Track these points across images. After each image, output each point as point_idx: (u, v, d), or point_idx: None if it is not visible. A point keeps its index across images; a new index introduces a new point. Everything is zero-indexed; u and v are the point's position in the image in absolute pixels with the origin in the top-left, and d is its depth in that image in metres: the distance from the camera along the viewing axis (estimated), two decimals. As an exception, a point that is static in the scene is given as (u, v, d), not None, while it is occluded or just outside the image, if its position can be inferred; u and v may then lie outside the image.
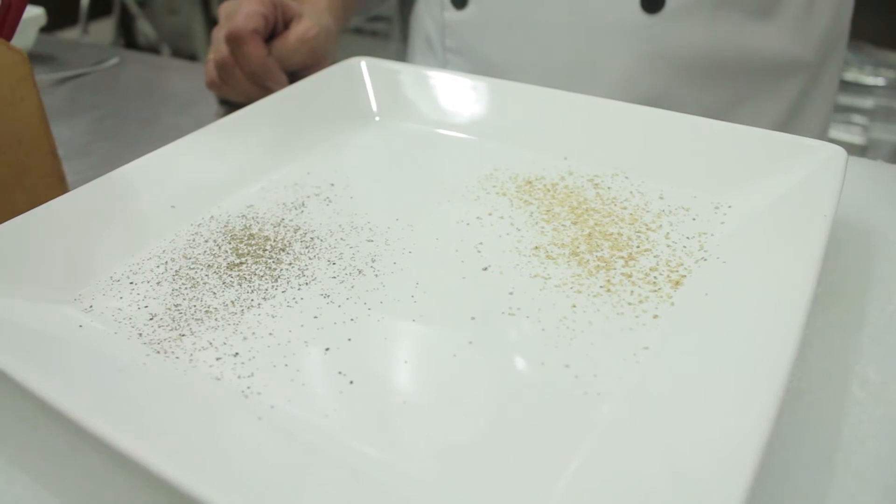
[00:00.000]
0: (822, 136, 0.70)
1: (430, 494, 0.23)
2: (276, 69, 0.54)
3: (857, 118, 1.31)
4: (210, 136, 0.42)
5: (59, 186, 0.45)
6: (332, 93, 0.48)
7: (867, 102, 1.32)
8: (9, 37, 0.42)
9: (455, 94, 0.47)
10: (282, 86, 0.54)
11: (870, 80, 1.34)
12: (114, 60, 0.69)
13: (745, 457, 0.21)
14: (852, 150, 0.50)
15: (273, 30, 0.56)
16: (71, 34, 1.71)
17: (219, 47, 0.55)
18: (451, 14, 0.65)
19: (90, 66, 0.68)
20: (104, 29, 1.74)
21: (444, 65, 0.69)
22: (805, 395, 0.28)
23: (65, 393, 0.24)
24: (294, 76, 0.56)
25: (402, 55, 0.98)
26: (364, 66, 0.49)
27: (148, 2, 1.72)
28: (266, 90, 0.55)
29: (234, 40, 0.53)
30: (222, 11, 0.58)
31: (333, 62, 0.51)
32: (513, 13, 0.62)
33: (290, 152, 0.44)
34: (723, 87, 0.62)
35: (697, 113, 0.41)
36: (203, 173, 0.40)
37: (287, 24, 0.57)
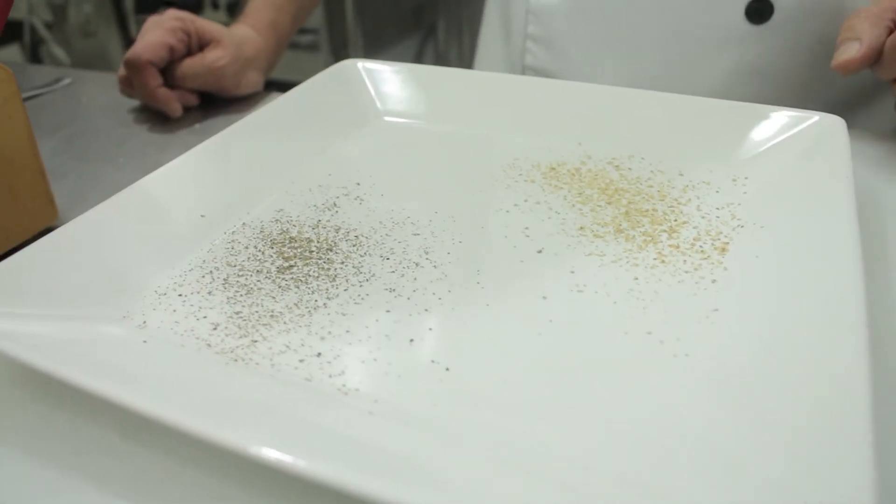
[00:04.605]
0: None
1: (557, 462, 0.23)
2: (168, 98, 0.56)
3: None
4: (219, 145, 0.41)
5: (49, 208, 0.42)
6: (333, 96, 0.47)
7: None
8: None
9: (455, 89, 0.48)
10: (177, 113, 0.56)
11: None
12: (66, 81, 0.66)
13: (858, 395, 0.23)
14: None
15: (188, 52, 0.57)
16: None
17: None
18: None
19: (43, 87, 0.64)
20: (10, 55, 1.64)
21: (520, 53, 0.63)
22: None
23: (162, 404, 0.23)
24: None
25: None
26: (361, 67, 0.49)
27: (58, 25, 1.63)
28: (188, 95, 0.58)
29: (129, 67, 0.55)
30: (145, 25, 0.58)
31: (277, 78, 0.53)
32: (605, 8, 0.57)
33: (304, 156, 0.43)
34: (831, 97, 0.56)
35: None
36: (223, 182, 0.39)
37: (203, 49, 0.58)
